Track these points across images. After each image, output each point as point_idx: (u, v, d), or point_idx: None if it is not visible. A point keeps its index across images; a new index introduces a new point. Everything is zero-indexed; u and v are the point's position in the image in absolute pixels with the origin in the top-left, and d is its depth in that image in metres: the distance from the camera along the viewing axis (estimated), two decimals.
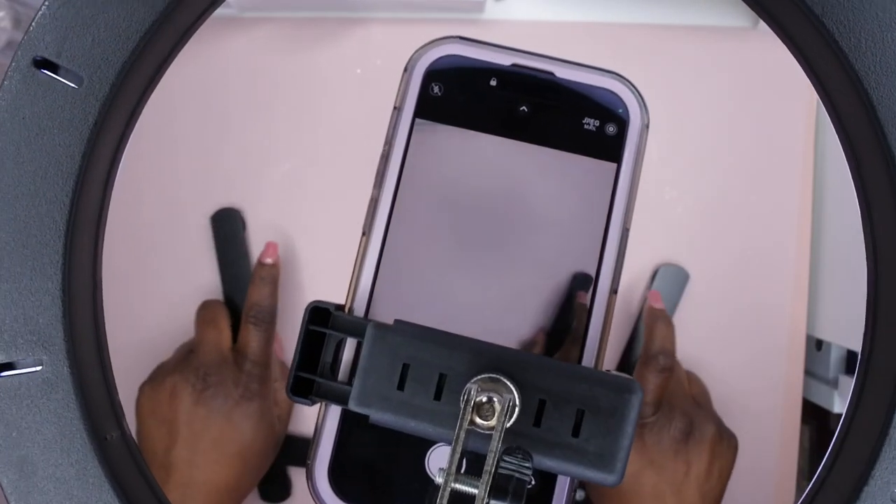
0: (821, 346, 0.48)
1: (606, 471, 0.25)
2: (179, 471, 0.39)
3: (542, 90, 0.29)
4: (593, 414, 0.25)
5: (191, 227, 0.46)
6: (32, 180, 0.22)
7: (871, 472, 0.22)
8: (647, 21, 0.49)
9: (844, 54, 0.22)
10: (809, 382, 0.48)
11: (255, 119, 0.46)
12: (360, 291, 0.28)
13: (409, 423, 0.26)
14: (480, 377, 0.25)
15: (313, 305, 0.27)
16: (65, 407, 0.22)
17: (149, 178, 0.46)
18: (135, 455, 0.23)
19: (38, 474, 0.22)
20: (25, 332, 0.22)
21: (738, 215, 0.47)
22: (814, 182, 0.47)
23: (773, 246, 0.47)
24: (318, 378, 0.27)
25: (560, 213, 0.29)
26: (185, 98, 0.46)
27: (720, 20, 0.48)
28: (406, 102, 0.29)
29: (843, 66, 0.22)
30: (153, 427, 0.40)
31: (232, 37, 0.46)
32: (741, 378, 0.46)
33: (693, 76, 0.48)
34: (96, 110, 0.22)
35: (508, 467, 0.23)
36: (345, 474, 0.28)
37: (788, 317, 0.47)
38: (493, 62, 0.29)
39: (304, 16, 0.46)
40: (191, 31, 0.23)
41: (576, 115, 0.29)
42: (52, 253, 0.22)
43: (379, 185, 0.29)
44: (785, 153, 0.47)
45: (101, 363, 0.23)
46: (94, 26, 0.22)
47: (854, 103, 0.22)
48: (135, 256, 0.46)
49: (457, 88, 0.29)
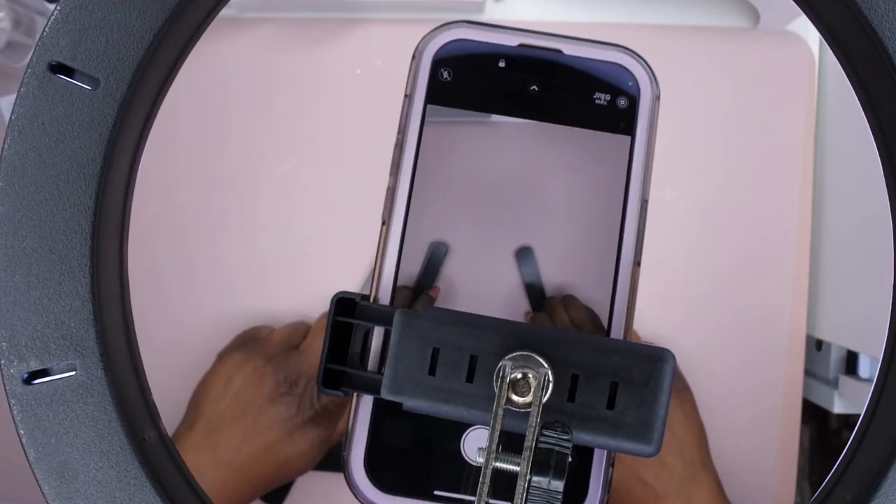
0: (821, 346, 0.48)
1: (644, 441, 0.25)
2: (220, 444, 0.39)
3: (551, 68, 0.29)
4: (627, 385, 0.25)
5: (191, 227, 0.46)
6: (55, 185, 0.22)
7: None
8: (648, 21, 0.49)
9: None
10: (809, 382, 0.48)
11: (255, 119, 0.46)
12: (384, 280, 0.28)
13: (442, 407, 0.25)
14: (512, 355, 0.25)
15: (339, 297, 0.27)
16: (101, 410, 0.22)
17: (148, 177, 0.46)
18: (173, 454, 0.23)
19: (80, 479, 0.22)
20: (57, 338, 0.22)
21: (738, 215, 0.47)
22: (814, 182, 0.47)
23: (773, 246, 0.47)
24: (348, 369, 0.27)
25: (578, 190, 0.29)
26: (186, 98, 0.46)
27: (721, 20, 0.49)
28: (417, 89, 0.29)
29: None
30: (219, 388, 0.40)
31: (232, 37, 0.46)
32: (741, 378, 0.46)
33: (694, 76, 0.48)
34: (114, 111, 0.22)
35: (548, 441, 0.23)
36: (381, 464, 0.28)
37: (788, 317, 0.47)
38: (501, 44, 0.29)
39: (304, 16, 0.47)
40: (203, 27, 0.23)
41: (586, 90, 0.29)
42: (79, 256, 0.22)
43: (395, 173, 0.29)
44: (785, 153, 0.47)
45: (134, 364, 0.23)
46: (108, 28, 0.22)
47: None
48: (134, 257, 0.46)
49: (466, 72, 0.29)
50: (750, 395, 0.47)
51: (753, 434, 0.46)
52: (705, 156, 0.48)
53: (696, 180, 0.48)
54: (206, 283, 0.46)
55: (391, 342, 0.26)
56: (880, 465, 0.23)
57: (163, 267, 0.46)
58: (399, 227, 0.28)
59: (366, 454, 0.28)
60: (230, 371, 0.41)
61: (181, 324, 0.46)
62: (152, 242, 0.46)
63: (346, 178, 0.45)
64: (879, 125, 0.24)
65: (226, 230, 0.47)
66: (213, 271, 0.47)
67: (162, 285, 0.46)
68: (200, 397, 0.41)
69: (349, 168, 0.45)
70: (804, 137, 0.47)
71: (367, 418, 0.28)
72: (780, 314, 0.47)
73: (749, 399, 0.47)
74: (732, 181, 0.48)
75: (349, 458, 0.28)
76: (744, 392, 0.47)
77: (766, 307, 0.47)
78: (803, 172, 0.47)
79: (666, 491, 0.38)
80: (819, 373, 0.49)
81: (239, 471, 0.39)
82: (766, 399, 0.47)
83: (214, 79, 0.47)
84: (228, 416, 0.40)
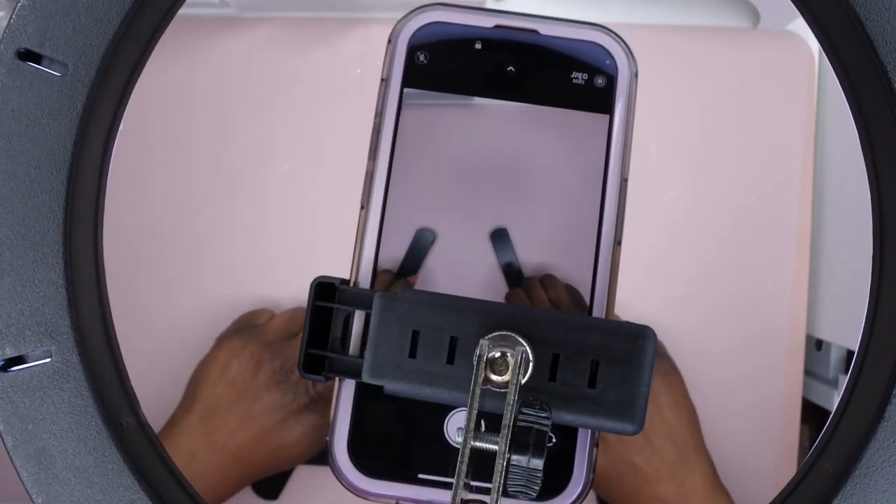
0: (821, 346, 0.48)
1: (626, 420, 0.25)
2: (215, 428, 0.39)
3: (528, 49, 0.29)
4: (608, 364, 0.25)
5: (190, 227, 0.46)
6: (26, 172, 0.22)
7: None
8: (648, 21, 0.49)
9: None
10: (809, 382, 0.48)
11: (254, 119, 0.46)
12: (363, 264, 0.28)
13: (423, 389, 0.25)
14: (492, 335, 0.25)
15: (318, 281, 0.27)
16: (77, 396, 0.22)
17: (148, 178, 0.46)
18: (152, 440, 0.23)
19: (57, 465, 0.22)
20: (32, 324, 0.22)
21: (737, 215, 0.47)
22: (814, 182, 0.47)
23: (773, 246, 0.47)
24: (329, 353, 0.27)
25: (557, 170, 0.29)
26: (185, 98, 0.46)
27: (720, 20, 0.49)
28: (393, 73, 0.29)
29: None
30: (216, 374, 0.40)
31: (232, 37, 0.47)
32: (741, 378, 0.46)
33: (693, 76, 0.48)
34: (84, 97, 0.22)
35: (527, 419, 0.23)
36: (365, 448, 0.28)
37: (788, 317, 0.47)
38: (477, 25, 0.29)
39: (304, 16, 0.47)
40: (172, 12, 0.23)
41: (563, 70, 0.29)
42: (52, 243, 0.22)
43: (373, 157, 0.29)
44: (785, 153, 0.47)
45: (111, 350, 0.23)
46: (74, 13, 0.22)
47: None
48: (133, 256, 0.46)
49: (442, 55, 0.29)
50: (750, 394, 0.47)
51: (753, 434, 0.46)
52: (705, 156, 0.48)
53: (695, 180, 0.48)
54: (208, 269, 0.47)
55: (371, 325, 0.26)
56: (861, 437, 0.23)
57: (166, 255, 0.47)
58: (378, 212, 0.28)
59: (349, 439, 0.28)
60: (227, 357, 0.41)
61: (183, 309, 0.46)
62: (155, 234, 0.46)
63: (345, 174, 0.45)
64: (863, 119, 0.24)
65: (229, 221, 0.47)
66: (215, 259, 0.47)
67: (165, 272, 0.47)
68: (198, 381, 0.41)
69: (349, 164, 0.45)
70: (804, 137, 0.47)
71: (350, 403, 0.28)
72: (779, 314, 0.47)
73: (749, 399, 0.47)
74: (732, 181, 0.48)
75: (333, 444, 0.28)
76: (744, 392, 0.47)
77: (766, 307, 0.47)
78: (803, 172, 0.47)
79: (658, 475, 0.37)
80: (819, 373, 0.48)
81: (233, 455, 0.39)
82: (766, 399, 0.47)
83: (214, 78, 0.47)
84: (224, 401, 0.40)
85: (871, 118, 0.24)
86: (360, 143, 0.33)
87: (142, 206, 0.47)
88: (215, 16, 0.48)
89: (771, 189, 0.48)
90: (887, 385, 0.23)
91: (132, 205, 0.46)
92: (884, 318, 0.24)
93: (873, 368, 0.24)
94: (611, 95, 0.29)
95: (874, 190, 0.24)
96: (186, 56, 0.47)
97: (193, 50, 0.47)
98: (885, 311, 0.24)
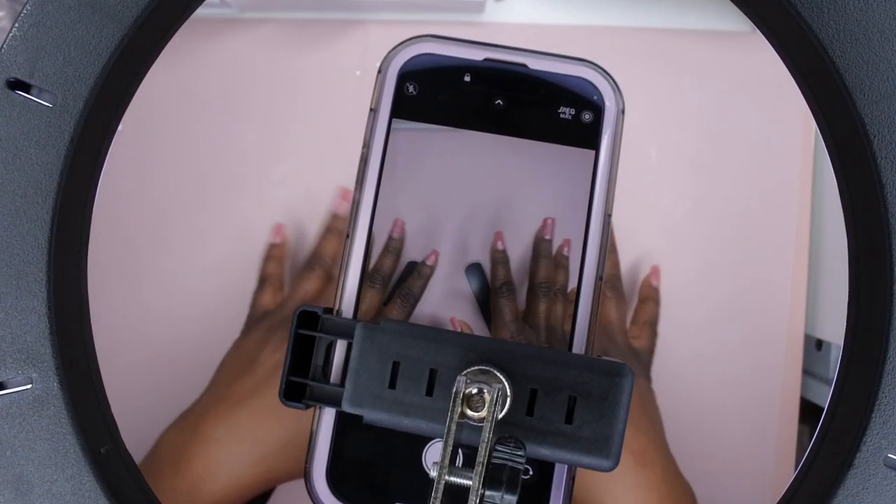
0: (821, 346, 0.48)
1: (602, 456, 0.25)
2: (243, 421, 0.39)
3: (516, 83, 0.29)
4: (585, 400, 0.25)
5: (190, 230, 0.46)
6: (12, 200, 0.22)
7: (863, 439, 0.22)
8: (648, 25, 0.49)
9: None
10: (809, 382, 0.48)
11: (254, 120, 0.46)
12: (346, 293, 0.28)
13: (402, 420, 0.26)
14: (470, 370, 0.25)
15: (301, 310, 0.27)
16: (57, 423, 0.22)
17: (148, 178, 0.46)
18: (130, 467, 0.23)
19: (35, 491, 0.22)
20: (14, 351, 0.22)
21: (736, 218, 0.47)
22: (813, 183, 0.47)
23: (772, 247, 0.47)
24: (310, 381, 0.27)
25: (542, 204, 0.29)
26: (185, 98, 0.46)
27: (719, 24, 0.49)
28: (382, 104, 0.29)
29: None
30: (243, 367, 0.40)
31: (232, 37, 0.47)
32: (740, 378, 0.46)
33: (691, 80, 0.48)
34: (71, 128, 0.22)
35: (502, 456, 0.23)
36: (342, 476, 0.28)
37: (788, 317, 0.47)
38: (466, 58, 0.29)
39: (304, 16, 0.47)
40: (161, 44, 0.23)
41: (551, 104, 0.29)
42: (36, 271, 0.22)
43: (360, 187, 0.29)
44: (784, 156, 0.47)
45: (91, 378, 0.23)
46: (65, 45, 0.22)
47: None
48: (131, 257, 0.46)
49: (431, 87, 0.29)
50: (748, 394, 0.47)
51: (752, 433, 0.46)
52: (704, 159, 0.48)
53: (694, 184, 0.48)
54: (208, 269, 0.47)
55: (352, 355, 0.26)
56: (832, 480, 0.23)
57: (166, 255, 0.47)
58: (363, 241, 0.28)
59: (328, 466, 0.28)
60: (254, 351, 0.40)
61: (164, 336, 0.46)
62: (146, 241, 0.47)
63: (345, 174, 0.46)
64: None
65: (224, 225, 0.47)
66: (215, 259, 0.47)
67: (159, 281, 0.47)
68: (226, 372, 0.40)
69: (349, 164, 0.46)
70: (803, 140, 0.47)
71: (330, 430, 0.28)
72: (779, 314, 0.47)
73: (748, 398, 0.47)
74: (731, 184, 0.48)
75: (311, 470, 0.28)
76: (742, 392, 0.47)
77: (766, 307, 0.47)
78: (802, 174, 0.47)
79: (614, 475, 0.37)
80: (819, 373, 0.48)
81: (261, 454, 0.39)
82: (764, 398, 0.47)
83: (214, 78, 0.47)
84: (253, 394, 0.39)
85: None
86: (359, 143, 0.34)
87: (142, 207, 0.47)
88: (215, 16, 0.48)
89: (771, 191, 0.48)
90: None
91: (132, 204, 0.46)
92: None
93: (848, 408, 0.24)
94: (597, 131, 0.29)
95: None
96: (186, 56, 0.47)
97: (193, 50, 0.47)
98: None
